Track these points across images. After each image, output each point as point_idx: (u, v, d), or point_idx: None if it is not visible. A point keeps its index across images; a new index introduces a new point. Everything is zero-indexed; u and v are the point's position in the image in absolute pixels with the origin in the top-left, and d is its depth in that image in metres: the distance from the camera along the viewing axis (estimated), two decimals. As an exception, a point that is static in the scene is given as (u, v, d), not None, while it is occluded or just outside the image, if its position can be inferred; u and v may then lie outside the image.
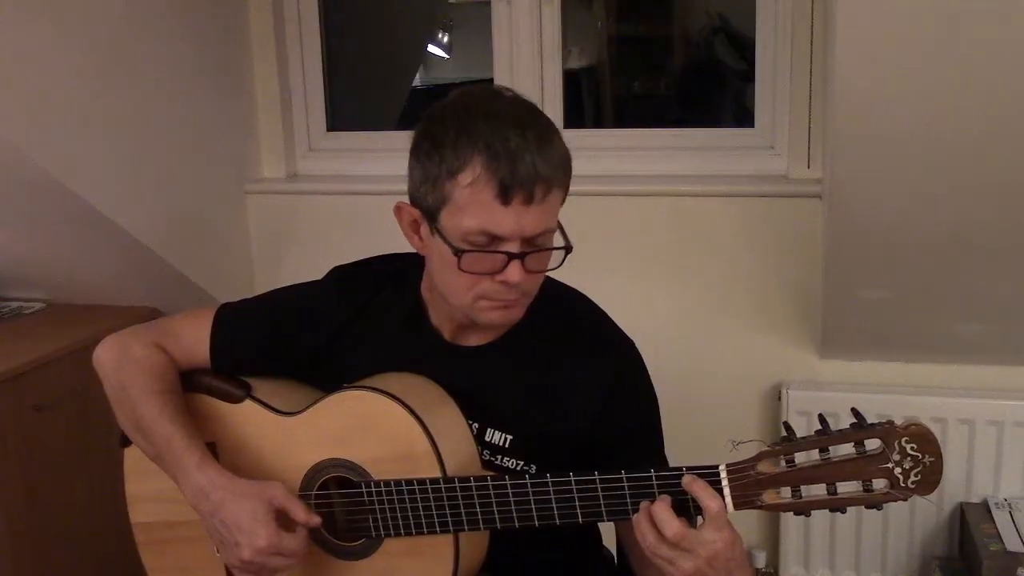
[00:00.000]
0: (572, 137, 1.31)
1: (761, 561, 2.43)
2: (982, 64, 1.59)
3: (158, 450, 1.38)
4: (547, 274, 1.43)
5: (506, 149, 1.18)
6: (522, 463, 1.38)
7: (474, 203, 1.20)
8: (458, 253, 1.23)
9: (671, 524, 1.17)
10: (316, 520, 1.32)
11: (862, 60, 1.64)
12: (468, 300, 1.28)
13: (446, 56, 4.49)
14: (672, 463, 1.40)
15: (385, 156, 2.59)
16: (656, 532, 1.18)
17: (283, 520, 1.32)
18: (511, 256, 1.22)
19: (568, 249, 1.28)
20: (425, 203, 1.26)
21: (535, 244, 1.24)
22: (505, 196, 1.19)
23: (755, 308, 2.37)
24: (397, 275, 1.44)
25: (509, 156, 1.18)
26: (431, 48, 4.43)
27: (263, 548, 1.28)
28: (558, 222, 1.28)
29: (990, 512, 2.18)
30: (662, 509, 1.18)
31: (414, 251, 1.38)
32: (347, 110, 2.83)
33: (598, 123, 3.30)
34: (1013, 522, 2.14)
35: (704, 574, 1.17)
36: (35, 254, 2.41)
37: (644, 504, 1.20)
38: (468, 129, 1.21)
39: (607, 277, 1.62)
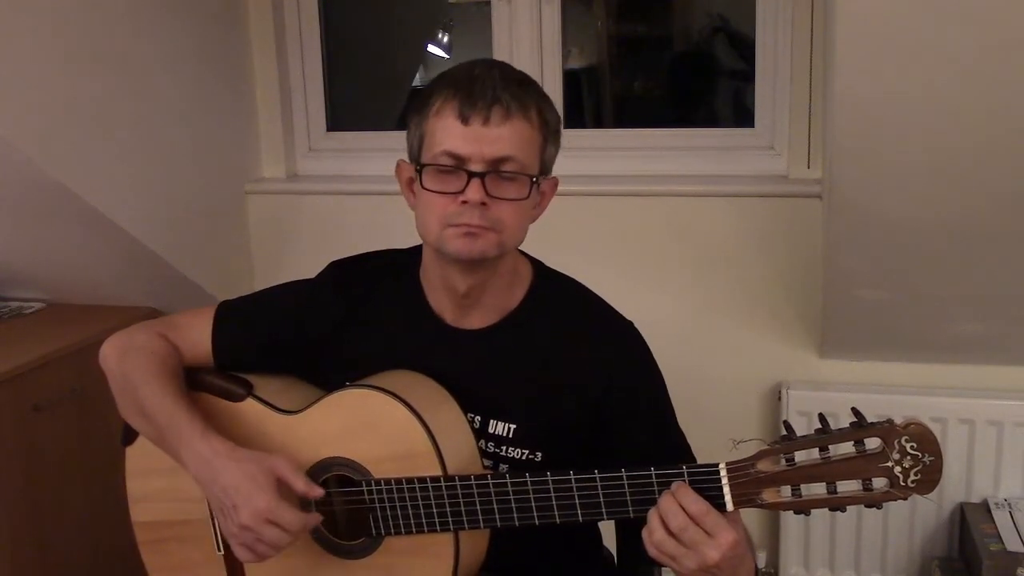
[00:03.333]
0: (572, 137, 1.32)
1: (761, 561, 2.43)
2: (982, 64, 1.59)
3: (161, 428, 1.37)
4: (547, 267, 1.45)
5: (468, 76, 1.29)
6: (527, 452, 1.38)
7: (440, 128, 1.28)
8: (420, 168, 1.29)
9: (698, 502, 1.17)
10: (318, 492, 1.31)
11: (862, 60, 1.64)
12: (438, 231, 1.30)
13: (446, 56, 4.48)
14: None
15: (385, 156, 2.55)
16: (684, 514, 1.17)
17: (287, 496, 1.30)
18: (471, 175, 1.26)
19: (533, 179, 1.30)
20: (413, 152, 1.33)
21: (493, 165, 1.27)
22: (463, 116, 1.26)
23: (755, 308, 2.37)
24: (395, 265, 1.45)
25: (470, 80, 1.28)
26: (431, 48, 4.42)
27: (260, 510, 1.26)
28: (543, 172, 1.33)
29: (990, 512, 2.18)
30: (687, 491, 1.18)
31: (410, 246, 1.40)
32: (347, 110, 2.83)
33: (598, 123, 3.29)
34: (1013, 522, 2.14)
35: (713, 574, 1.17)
36: (35, 254, 2.41)
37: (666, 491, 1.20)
38: (447, 73, 1.32)
39: (607, 277, 1.62)
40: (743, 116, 2.49)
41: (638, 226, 2.40)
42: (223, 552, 1.43)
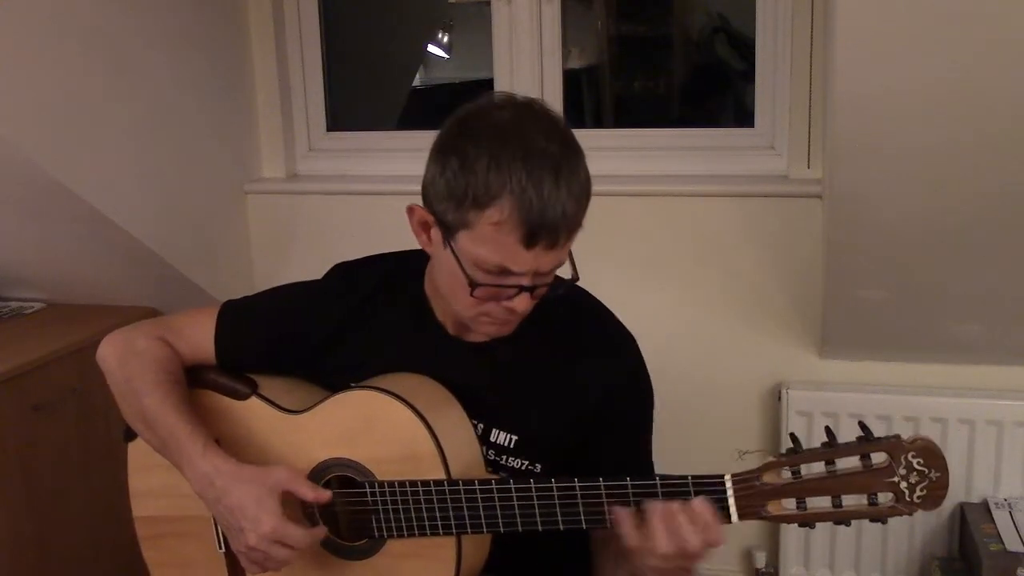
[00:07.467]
0: (572, 137, 1.31)
1: (761, 561, 2.43)
2: (982, 65, 1.59)
3: (162, 439, 1.38)
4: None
5: (538, 195, 1.15)
6: (527, 463, 1.38)
7: (496, 241, 1.18)
8: (473, 285, 1.23)
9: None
10: (326, 495, 1.31)
11: (862, 60, 1.64)
12: (471, 314, 1.29)
13: (446, 56, 4.49)
14: (673, 461, 1.40)
15: (385, 156, 2.60)
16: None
17: (290, 508, 1.31)
18: (522, 288, 1.23)
19: (574, 279, 1.29)
20: (444, 217, 1.23)
21: (544, 276, 1.25)
22: (529, 242, 1.18)
23: (755, 308, 2.37)
24: (399, 271, 1.44)
25: (540, 204, 1.16)
26: (431, 48, 4.43)
27: (267, 534, 1.27)
28: (569, 251, 1.27)
29: (990, 512, 2.18)
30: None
31: (415, 249, 1.38)
32: (347, 110, 2.83)
33: (598, 123, 3.30)
34: (1013, 522, 2.14)
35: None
36: (35, 254, 2.41)
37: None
38: (501, 161, 1.16)
39: (607, 277, 1.61)
40: (743, 116, 2.49)
41: (638, 226, 2.40)
42: (224, 549, 1.43)
